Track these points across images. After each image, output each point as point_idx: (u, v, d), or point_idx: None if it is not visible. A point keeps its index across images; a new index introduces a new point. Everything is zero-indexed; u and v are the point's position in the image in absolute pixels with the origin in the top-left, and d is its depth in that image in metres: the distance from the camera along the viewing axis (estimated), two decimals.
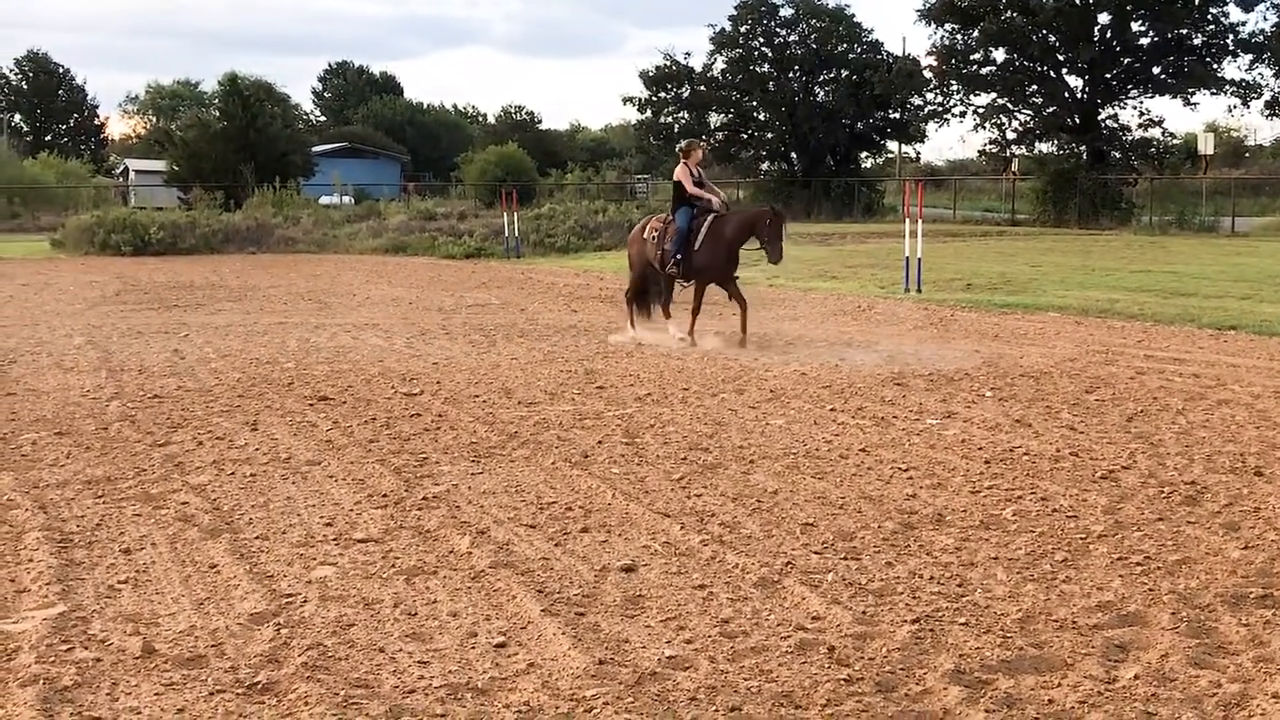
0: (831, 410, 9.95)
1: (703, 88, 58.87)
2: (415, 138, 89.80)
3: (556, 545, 6.22)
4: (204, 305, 19.55)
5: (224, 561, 5.93)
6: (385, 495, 7.24)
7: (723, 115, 60.60)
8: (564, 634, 4.93)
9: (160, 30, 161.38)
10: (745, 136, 61.18)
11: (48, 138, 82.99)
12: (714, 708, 4.27)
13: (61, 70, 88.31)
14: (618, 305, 19.18)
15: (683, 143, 15.55)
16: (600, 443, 8.70)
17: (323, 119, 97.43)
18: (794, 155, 59.57)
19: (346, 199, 51.46)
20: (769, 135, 60.68)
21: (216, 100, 56.28)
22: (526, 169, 60.07)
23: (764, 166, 61.77)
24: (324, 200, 49.44)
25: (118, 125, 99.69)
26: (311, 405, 10.29)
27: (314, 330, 15.72)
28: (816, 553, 6.08)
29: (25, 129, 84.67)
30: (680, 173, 14.84)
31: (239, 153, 49.77)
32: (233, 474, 7.79)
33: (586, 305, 18.92)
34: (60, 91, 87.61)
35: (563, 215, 37.33)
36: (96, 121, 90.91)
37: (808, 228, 42.73)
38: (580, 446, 8.58)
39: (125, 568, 5.85)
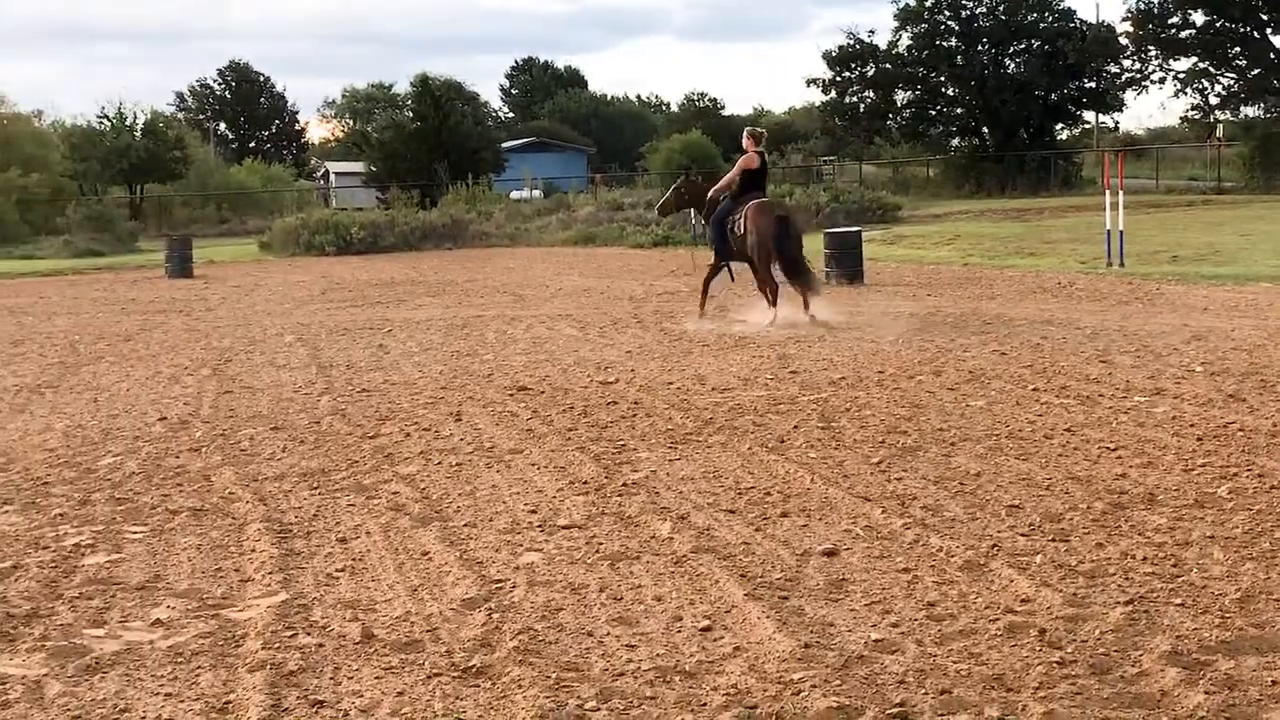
0: (1034, 390, 9.74)
1: (888, 65, 57.96)
2: (600, 129, 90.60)
3: (757, 530, 6.23)
4: (405, 301, 20.12)
5: (435, 549, 6.11)
6: (586, 482, 7.35)
7: (909, 92, 59.60)
8: (768, 618, 4.94)
9: (352, 36, 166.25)
10: (934, 113, 60.08)
11: (251, 144, 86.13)
12: (923, 690, 4.24)
13: (262, 78, 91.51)
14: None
15: (761, 130, 15.89)
16: (796, 427, 8.68)
17: (511, 115, 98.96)
18: (985, 130, 58.28)
19: (536, 193, 52.24)
20: (958, 110, 59.48)
21: (410, 101, 57.74)
22: (711, 155, 60.01)
23: (954, 142, 60.58)
24: (515, 195, 50.29)
25: (316, 129, 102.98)
26: (511, 395, 10.51)
27: (510, 322, 16.04)
28: (1023, 535, 5.97)
29: (230, 137, 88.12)
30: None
31: (432, 152, 51.00)
32: (439, 464, 8.01)
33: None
34: (261, 99, 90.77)
35: None
36: (296, 127, 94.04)
37: (1002, 204, 41.80)
38: (776, 431, 8.57)
39: (342, 556, 6.07)
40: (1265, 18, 47.43)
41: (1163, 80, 52.07)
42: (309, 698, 4.37)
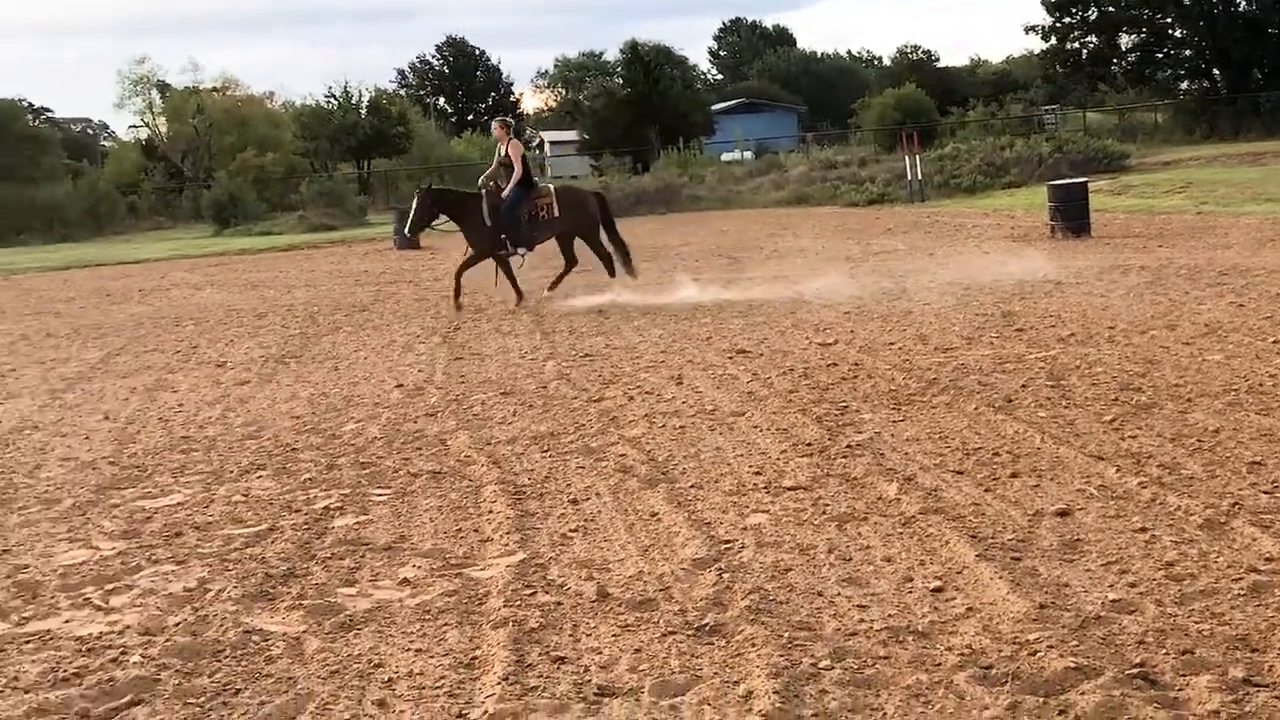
0: (1275, 342, 9.34)
1: (1110, 8, 55.76)
2: (811, 87, 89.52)
3: (986, 491, 6.17)
4: None
5: (663, 510, 6.23)
6: (809, 444, 7.38)
7: (1134, 35, 57.25)
8: (1001, 578, 4.90)
9: (562, 5, 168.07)
10: (1160, 56, 57.60)
11: (469, 117, 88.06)
12: (1164, 651, 4.16)
13: (478, 52, 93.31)
14: (1031, 243, 18.67)
15: (511, 119, 16.46)
16: (1024, 386, 8.53)
17: (719, 77, 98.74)
18: (1216, 71, 55.62)
19: (747, 154, 52.15)
20: (1187, 52, 56.83)
21: (620, 68, 58.25)
22: (926, 109, 58.79)
23: (1183, 86, 57.96)
24: (725, 157, 50.30)
25: (530, 100, 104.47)
26: (730, 358, 10.58)
27: (726, 285, 16.10)
28: (1266, 492, 5.77)
29: (450, 111, 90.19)
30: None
31: (643, 117, 51.45)
32: (663, 426, 8.14)
33: (999, 246, 18.45)
34: (478, 72, 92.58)
35: (966, 154, 36.49)
36: (512, 98, 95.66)
37: (1236, 148, 39.87)
38: (1003, 391, 8.44)
39: (574, 517, 6.25)
40: None
41: None
42: (550, 654, 4.52)
